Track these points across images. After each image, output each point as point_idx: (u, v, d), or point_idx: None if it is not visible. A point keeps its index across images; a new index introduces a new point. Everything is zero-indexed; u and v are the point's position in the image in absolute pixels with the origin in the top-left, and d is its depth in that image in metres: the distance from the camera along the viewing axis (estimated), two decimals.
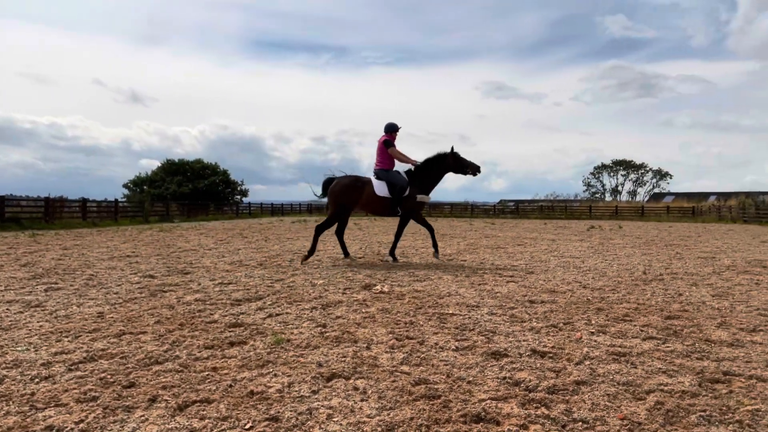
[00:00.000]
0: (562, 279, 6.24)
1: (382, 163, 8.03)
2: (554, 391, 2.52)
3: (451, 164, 8.12)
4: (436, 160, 8.13)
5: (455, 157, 8.10)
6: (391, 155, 8.01)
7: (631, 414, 2.25)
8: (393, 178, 7.94)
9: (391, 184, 7.88)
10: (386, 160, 8.03)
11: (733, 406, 2.33)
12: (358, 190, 7.91)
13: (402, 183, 7.88)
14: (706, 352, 3.18)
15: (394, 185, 7.86)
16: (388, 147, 7.99)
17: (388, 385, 2.58)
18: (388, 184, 7.89)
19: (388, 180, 7.91)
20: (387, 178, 7.93)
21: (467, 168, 8.17)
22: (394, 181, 7.89)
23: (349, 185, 7.93)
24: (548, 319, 4.03)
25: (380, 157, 8.04)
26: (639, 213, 39.70)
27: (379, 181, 7.93)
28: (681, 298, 5.03)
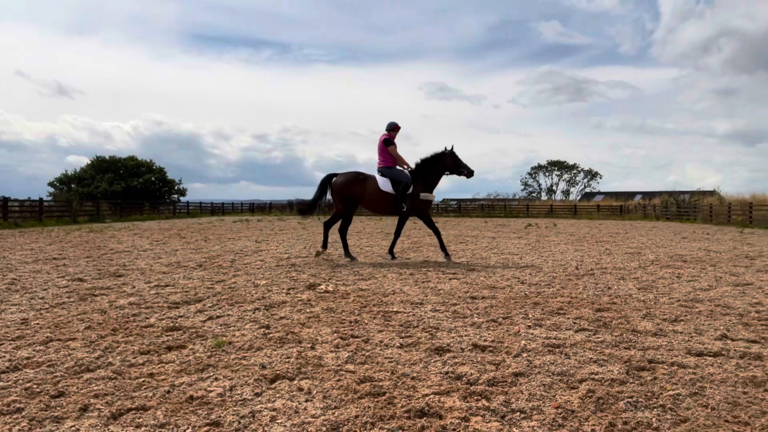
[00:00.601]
0: (502, 275, 6.45)
1: (384, 161, 8.09)
2: (494, 384, 2.60)
3: (449, 163, 8.19)
4: (435, 159, 8.20)
5: (453, 157, 8.20)
6: (391, 153, 8.07)
7: (565, 402, 2.37)
8: (397, 175, 7.99)
9: (395, 180, 7.92)
10: (388, 158, 8.09)
11: (657, 392, 2.49)
12: (361, 184, 7.96)
13: (406, 180, 7.93)
14: (633, 341, 3.39)
15: (398, 182, 7.90)
16: (387, 145, 8.06)
17: (333, 384, 2.58)
18: (392, 181, 7.92)
19: (392, 177, 7.95)
20: (391, 174, 7.98)
21: (463, 169, 8.26)
22: (398, 177, 7.94)
23: (353, 180, 7.99)
24: (488, 314, 4.16)
25: (382, 156, 8.11)
26: (572, 211, 41.65)
27: (383, 178, 7.98)
28: (610, 291, 5.33)
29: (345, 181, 8.00)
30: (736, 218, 24.76)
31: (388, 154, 8.07)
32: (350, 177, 8.04)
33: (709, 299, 4.88)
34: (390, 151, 8.05)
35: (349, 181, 7.99)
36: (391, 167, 8.08)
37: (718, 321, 3.97)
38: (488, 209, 44.35)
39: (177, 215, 34.50)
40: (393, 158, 8.08)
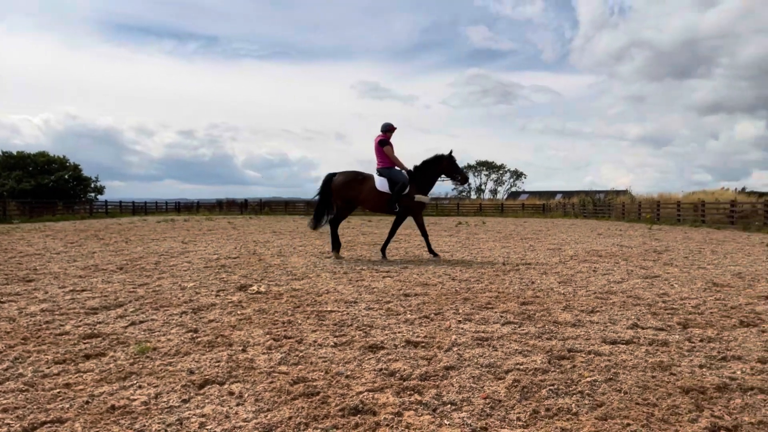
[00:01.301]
0: (434, 272, 6.60)
1: (383, 162, 8.24)
2: (426, 378, 2.67)
3: (446, 167, 8.39)
4: (433, 162, 8.37)
5: (450, 161, 8.39)
6: (386, 153, 8.18)
7: (493, 393, 2.47)
8: (395, 175, 8.15)
9: (393, 181, 8.09)
10: (386, 159, 8.22)
11: (576, 379, 2.66)
12: (359, 183, 8.16)
13: (403, 180, 8.11)
14: (554, 332, 3.59)
15: (395, 182, 8.07)
16: (383, 146, 8.18)
17: (265, 386, 2.53)
18: (390, 181, 8.09)
19: (389, 177, 8.12)
20: (389, 175, 8.15)
21: (458, 175, 8.51)
22: (396, 178, 8.11)
23: (351, 179, 8.18)
24: (421, 311, 4.25)
25: (380, 157, 8.25)
26: (499, 210, 43.33)
27: (381, 178, 8.14)
28: (534, 285, 5.61)
29: (344, 181, 8.16)
30: (646, 216, 26.84)
31: (384, 155, 8.21)
32: (349, 177, 8.20)
33: (622, 291, 5.25)
34: (385, 152, 8.18)
35: (347, 181, 8.16)
36: (390, 168, 8.23)
37: (630, 311, 4.29)
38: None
39: (94, 215, 32.35)
40: (389, 159, 8.20)
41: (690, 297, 4.92)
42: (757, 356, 3.02)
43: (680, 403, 2.33)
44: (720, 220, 21.27)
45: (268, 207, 43.86)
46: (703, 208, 22.82)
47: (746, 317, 4.04)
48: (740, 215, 20.30)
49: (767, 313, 4.22)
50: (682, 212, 24.32)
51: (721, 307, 4.43)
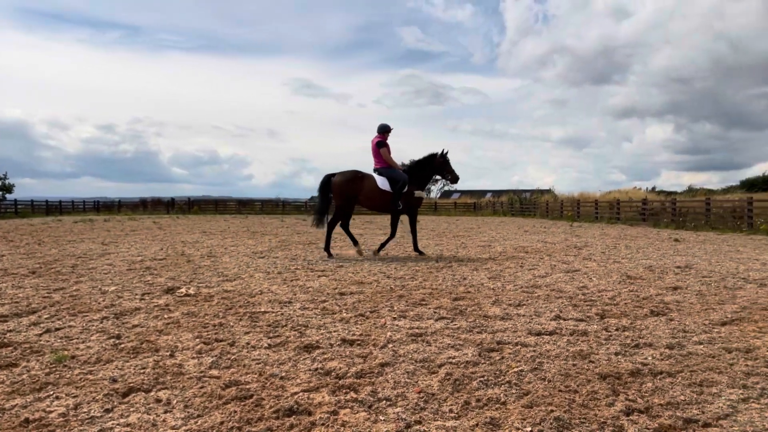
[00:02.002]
0: (369, 271, 6.64)
1: (380, 162, 8.48)
2: (362, 376, 2.68)
3: (438, 165, 8.62)
4: (428, 160, 8.63)
5: (443, 160, 8.61)
6: (382, 155, 8.39)
7: (427, 387, 2.53)
8: (395, 175, 8.37)
9: (393, 179, 8.30)
10: (383, 159, 8.46)
11: (504, 370, 2.78)
12: (359, 182, 8.31)
13: (403, 179, 8.32)
14: (485, 326, 3.72)
15: (396, 180, 8.28)
16: (380, 147, 8.41)
17: (195, 392, 2.45)
18: (390, 180, 8.30)
19: (390, 176, 8.34)
20: (389, 174, 8.37)
21: (448, 174, 8.71)
22: (396, 177, 8.33)
23: (351, 178, 8.32)
24: (356, 309, 4.26)
25: (377, 157, 8.49)
26: (433, 208, 44.25)
27: (381, 177, 8.35)
28: (465, 281, 5.79)
29: (344, 180, 8.29)
30: (567, 213, 28.42)
31: (381, 155, 8.43)
32: (349, 176, 8.34)
33: (546, 285, 5.54)
34: (382, 153, 8.41)
35: (348, 180, 8.29)
36: (388, 167, 8.46)
37: (553, 304, 4.53)
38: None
39: (3, 216, 29.71)
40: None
41: (607, 289, 5.27)
42: (666, 343, 3.29)
43: (598, 389, 2.49)
44: (633, 218, 22.91)
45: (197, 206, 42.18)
46: (618, 207, 24.47)
47: (656, 307, 4.39)
48: (651, 213, 21.97)
49: (674, 302, 4.61)
50: (600, 210, 25.98)
51: (634, 298, 4.78)
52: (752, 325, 3.74)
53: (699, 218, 18.90)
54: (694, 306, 4.45)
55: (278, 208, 43.32)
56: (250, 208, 42.77)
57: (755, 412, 2.22)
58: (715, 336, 3.45)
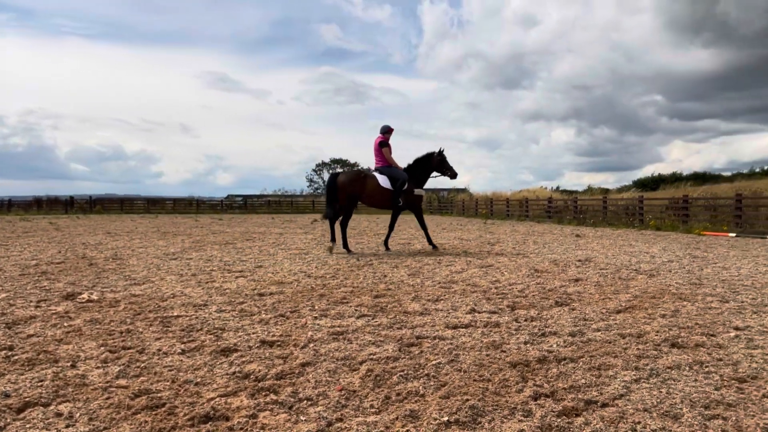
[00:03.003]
0: (289, 270, 6.55)
1: (382, 161, 8.89)
2: (282, 377, 2.65)
3: (436, 163, 9.04)
4: (426, 158, 9.07)
5: (440, 158, 9.04)
6: (384, 154, 8.80)
7: (348, 384, 2.55)
8: (395, 172, 8.78)
9: (393, 178, 8.72)
10: (385, 159, 8.85)
11: (423, 363, 2.86)
12: (362, 182, 8.70)
13: (403, 177, 8.73)
14: (404, 322, 3.80)
15: (396, 179, 8.71)
16: (382, 147, 8.81)
17: (101, 403, 2.29)
18: (391, 178, 8.72)
19: (390, 175, 8.76)
20: (389, 173, 8.79)
21: (447, 170, 9.12)
22: (396, 175, 8.74)
23: (355, 178, 8.75)
24: (276, 310, 4.19)
25: (379, 156, 8.89)
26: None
27: (382, 176, 8.76)
28: (386, 278, 5.87)
29: (348, 180, 8.70)
30: (482, 211, 29.72)
31: (383, 154, 8.85)
32: (352, 176, 8.81)
33: (462, 280, 5.76)
34: (383, 153, 8.83)
35: (351, 180, 8.72)
36: (389, 166, 8.86)
37: (469, 298, 4.73)
38: (275, 205, 44.30)
39: None
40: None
41: (517, 282, 5.58)
42: (569, 331, 3.55)
43: (509, 377, 2.64)
44: (540, 215, 24.42)
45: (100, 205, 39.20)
46: (527, 205, 25.98)
47: (560, 298, 4.71)
48: (555, 210, 23.53)
49: (576, 293, 4.97)
50: (511, 208, 27.42)
51: (541, 290, 5.10)
52: (643, 312, 4.13)
53: (597, 215, 20.52)
54: (593, 296, 4.83)
55: (192, 207, 41.37)
56: (160, 207, 40.47)
57: (645, 391, 2.46)
58: (611, 323, 3.77)
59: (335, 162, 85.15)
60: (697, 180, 33.66)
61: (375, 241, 11.60)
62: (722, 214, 16.12)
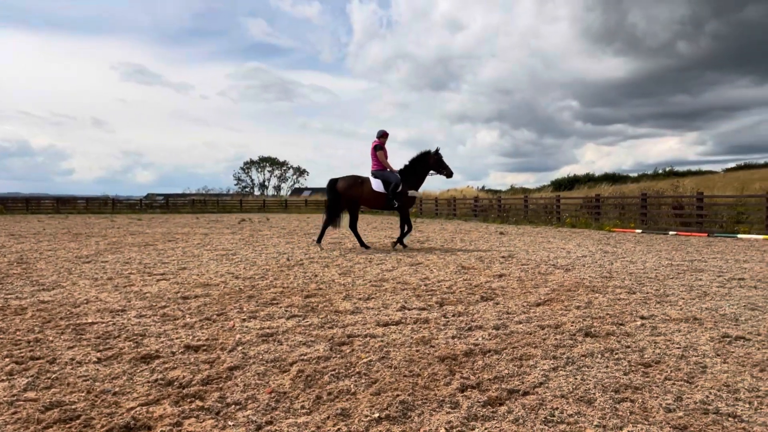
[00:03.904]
0: (216, 272, 6.33)
1: (377, 165, 9.22)
2: (208, 382, 2.56)
3: (432, 162, 9.28)
4: (421, 159, 9.34)
5: (436, 157, 9.28)
6: (378, 158, 9.13)
7: (279, 386, 2.51)
8: (388, 176, 9.11)
9: (387, 181, 9.07)
10: (380, 162, 9.18)
11: (354, 362, 2.87)
12: (359, 186, 9.17)
13: (396, 180, 9.06)
14: (336, 321, 3.80)
15: (388, 182, 9.06)
16: (377, 151, 9.13)
17: (6, 419, 2.11)
18: (384, 182, 9.08)
19: (383, 178, 9.11)
20: (383, 176, 9.14)
21: (443, 169, 9.32)
22: (389, 178, 9.08)
23: (352, 183, 9.19)
24: (202, 313, 4.04)
25: (374, 160, 9.22)
26: (283, 206, 43.63)
27: (376, 180, 9.13)
28: (317, 278, 5.84)
29: (346, 186, 9.18)
30: (412, 210, 30.24)
31: (378, 158, 9.16)
32: (350, 181, 9.22)
33: (393, 278, 5.84)
34: (378, 157, 9.14)
35: (349, 185, 9.18)
36: (383, 170, 9.20)
37: (399, 295, 4.80)
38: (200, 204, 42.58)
39: None
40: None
41: (445, 279, 5.74)
42: (493, 324, 3.70)
43: (438, 371, 2.72)
44: (467, 213, 25.24)
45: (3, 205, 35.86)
46: (455, 204, 26.76)
47: (485, 293, 4.91)
48: (481, 209, 24.42)
49: (500, 288, 5.20)
50: (439, 207, 28.13)
51: (468, 286, 5.28)
52: (560, 305, 4.39)
53: (519, 213, 21.53)
54: (516, 291, 5.07)
55: (107, 207, 38.84)
56: (71, 207, 37.61)
57: (562, 379, 2.62)
58: (531, 316, 3.98)
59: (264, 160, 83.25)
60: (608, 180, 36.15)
61: (305, 240, 11.48)
62: (629, 212, 17.44)
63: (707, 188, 19.86)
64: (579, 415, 2.17)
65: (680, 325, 3.69)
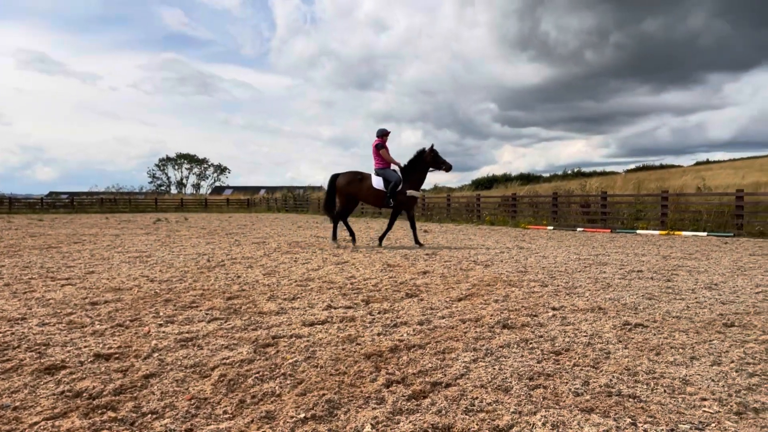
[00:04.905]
0: (128, 275, 5.97)
1: (379, 163, 9.39)
2: (122, 392, 2.42)
3: (429, 159, 9.39)
4: (417, 158, 9.48)
5: (433, 153, 9.41)
6: (382, 155, 9.31)
7: (199, 392, 2.42)
8: (389, 175, 9.29)
9: (387, 179, 9.26)
10: (382, 160, 9.36)
11: (279, 363, 2.83)
12: (358, 183, 9.39)
13: (396, 179, 9.25)
14: (260, 322, 3.72)
15: (389, 181, 9.24)
16: (379, 149, 9.32)
17: None
18: (384, 180, 9.28)
19: (384, 176, 9.31)
20: (383, 174, 9.33)
21: (442, 164, 9.43)
22: (389, 177, 9.26)
23: (352, 180, 9.43)
24: (114, 319, 3.80)
25: (377, 158, 9.41)
26: (203, 205, 41.92)
27: (377, 178, 9.34)
28: (239, 279, 5.67)
29: (345, 182, 9.41)
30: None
31: (380, 156, 9.32)
32: (350, 178, 9.44)
33: (319, 277, 5.81)
34: (381, 155, 9.32)
35: (348, 182, 9.40)
36: (385, 168, 9.36)
37: (325, 294, 4.79)
38: (110, 204, 39.86)
39: None
40: (385, 160, 9.32)
41: (371, 277, 5.80)
42: (418, 320, 3.79)
43: (364, 368, 2.74)
44: None
45: None
46: None
47: (410, 290, 5.01)
48: None
49: (424, 285, 5.33)
50: (365, 205, 28.28)
51: (393, 284, 5.37)
52: (480, 299, 4.58)
53: (442, 212, 22.16)
54: (439, 287, 5.22)
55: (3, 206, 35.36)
56: None
57: (482, 369, 2.74)
58: (454, 310, 4.12)
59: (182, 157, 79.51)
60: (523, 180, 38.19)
61: (227, 240, 11.11)
62: (542, 210, 18.51)
63: (610, 188, 21.52)
64: (497, 403, 2.29)
65: (587, 314, 3.98)
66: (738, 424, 2.08)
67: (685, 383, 2.52)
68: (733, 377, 2.60)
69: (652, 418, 2.13)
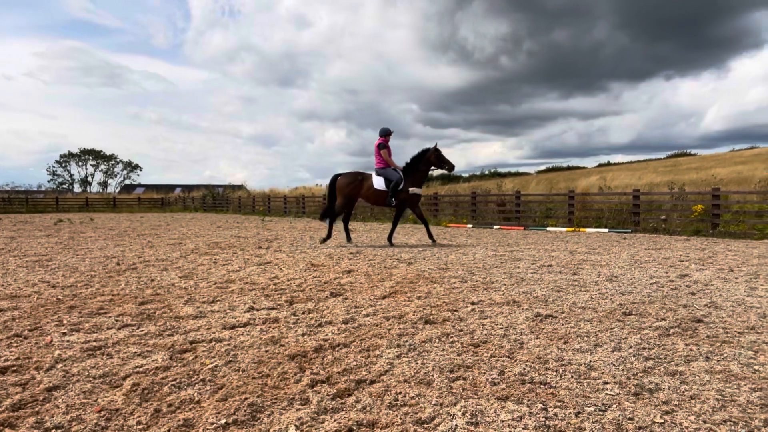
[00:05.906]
0: (26, 280, 5.47)
1: (380, 163, 9.41)
2: (21, 407, 2.22)
3: (433, 159, 9.36)
4: (421, 156, 9.46)
5: (436, 153, 9.38)
6: (383, 156, 9.32)
7: (109, 403, 2.27)
8: (389, 174, 9.30)
9: (388, 179, 9.27)
10: (383, 160, 9.36)
11: (198, 369, 2.72)
12: (359, 183, 9.42)
13: (396, 178, 9.26)
14: (176, 327, 3.56)
15: (390, 180, 9.26)
16: (381, 149, 9.34)
17: None
18: (385, 180, 9.28)
19: (385, 176, 9.31)
20: (384, 174, 9.34)
21: (445, 164, 9.39)
22: (390, 177, 9.28)
23: (352, 180, 9.44)
24: (10, 329, 3.47)
25: (378, 158, 9.41)
26: (111, 204, 39.24)
27: (378, 177, 9.34)
28: (153, 283, 5.38)
29: (346, 182, 9.44)
30: (259, 208, 29.44)
31: (381, 156, 9.34)
32: (350, 178, 9.46)
33: (240, 279, 5.64)
34: (382, 155, 9.33)
35: (349, 182, 9.43)
36: (386, 168, 9.37)
37: (247, 296, 4.66)
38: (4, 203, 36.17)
39: None
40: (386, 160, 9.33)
41: (295, 278, 5.73)
42: (342, 319, 3.80)
43: (288, 369, 2.71)
44: (316, 211, 25.36)
45: None
46: (304, 201, 26.72)
47: (335, 289, 5.01)
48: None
49: (349, 284, 5.34)
50: (288, 205, 27.83)
51: (317, 284, 5.34)
52: (403, 296, 4.67)
53: (367, 211, 22.29)
54: (363, 285, 5.26)
55: None
56: None
57: (405, 365, 2.80)
58: (378, 308, 4.17)
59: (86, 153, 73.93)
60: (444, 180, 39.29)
61: (138, 242, 10.48)
62: (462, 209, 19.19)
63: (524, 188, 22.73)
64: (420, 397, 2.35)
65: (503, 307, 4.18)
66: (635, 404, 2.28)
67: (590, 368, 2.73)
68: (631, 361, 2.85)
69: (561, 403, 2.29)
